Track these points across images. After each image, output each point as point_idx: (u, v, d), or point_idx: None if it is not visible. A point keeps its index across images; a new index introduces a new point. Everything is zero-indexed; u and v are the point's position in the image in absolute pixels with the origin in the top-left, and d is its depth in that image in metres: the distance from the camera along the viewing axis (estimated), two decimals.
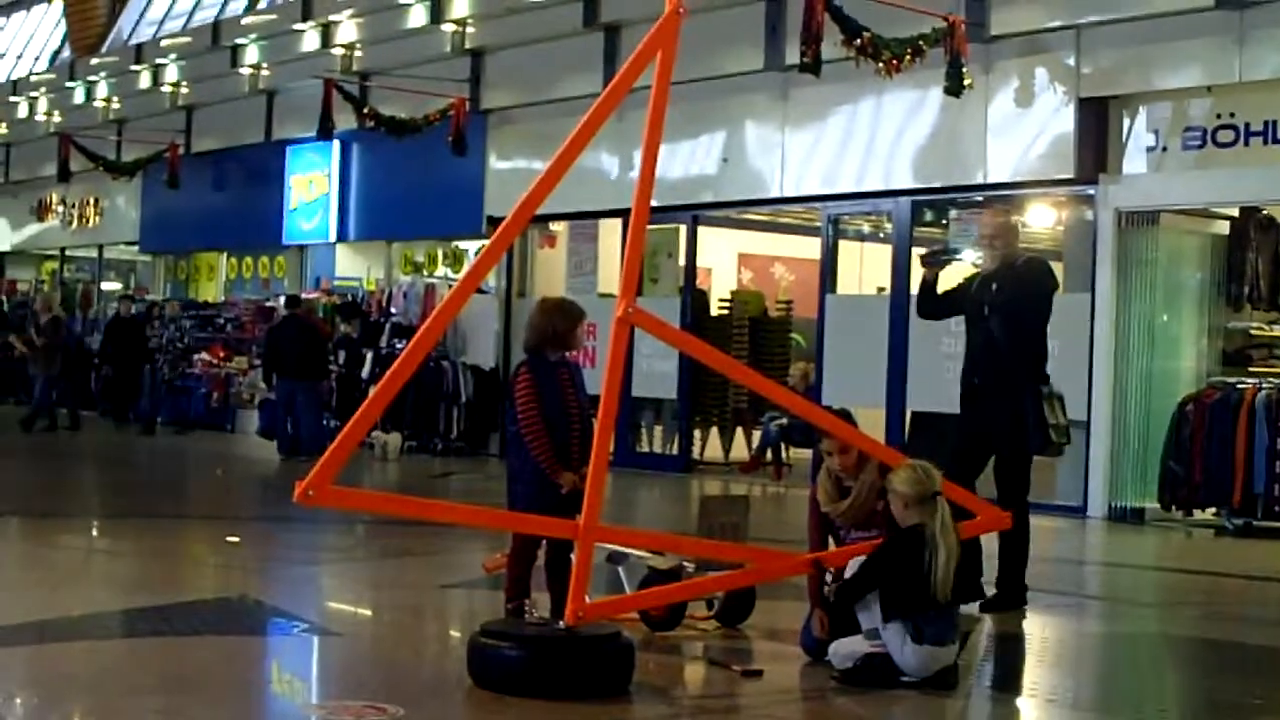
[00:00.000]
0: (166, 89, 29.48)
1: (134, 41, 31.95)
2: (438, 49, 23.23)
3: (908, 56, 16.01)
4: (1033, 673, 9.03)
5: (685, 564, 8.99)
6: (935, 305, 10.93)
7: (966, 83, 16.15)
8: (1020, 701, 8.15)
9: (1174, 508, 15.66)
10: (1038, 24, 16.71)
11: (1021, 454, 10.36)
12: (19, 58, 37.14)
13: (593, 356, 18.77)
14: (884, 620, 7.73)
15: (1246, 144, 15.52)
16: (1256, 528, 15.17)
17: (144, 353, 26.34)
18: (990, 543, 10.16)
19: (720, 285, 23.49)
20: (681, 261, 20.80)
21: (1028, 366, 10.29)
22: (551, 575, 8.52)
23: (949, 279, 11.03)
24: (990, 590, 10.23)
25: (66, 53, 34.79)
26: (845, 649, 7.87)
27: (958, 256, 11.68)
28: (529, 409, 8.48)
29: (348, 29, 24.89)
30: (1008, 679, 8.71)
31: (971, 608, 9.85)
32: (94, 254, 34.51)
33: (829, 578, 8.36)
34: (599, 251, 21.54)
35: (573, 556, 7.75)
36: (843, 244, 20.18)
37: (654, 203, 8.39)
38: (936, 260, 10.84)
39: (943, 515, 7.87)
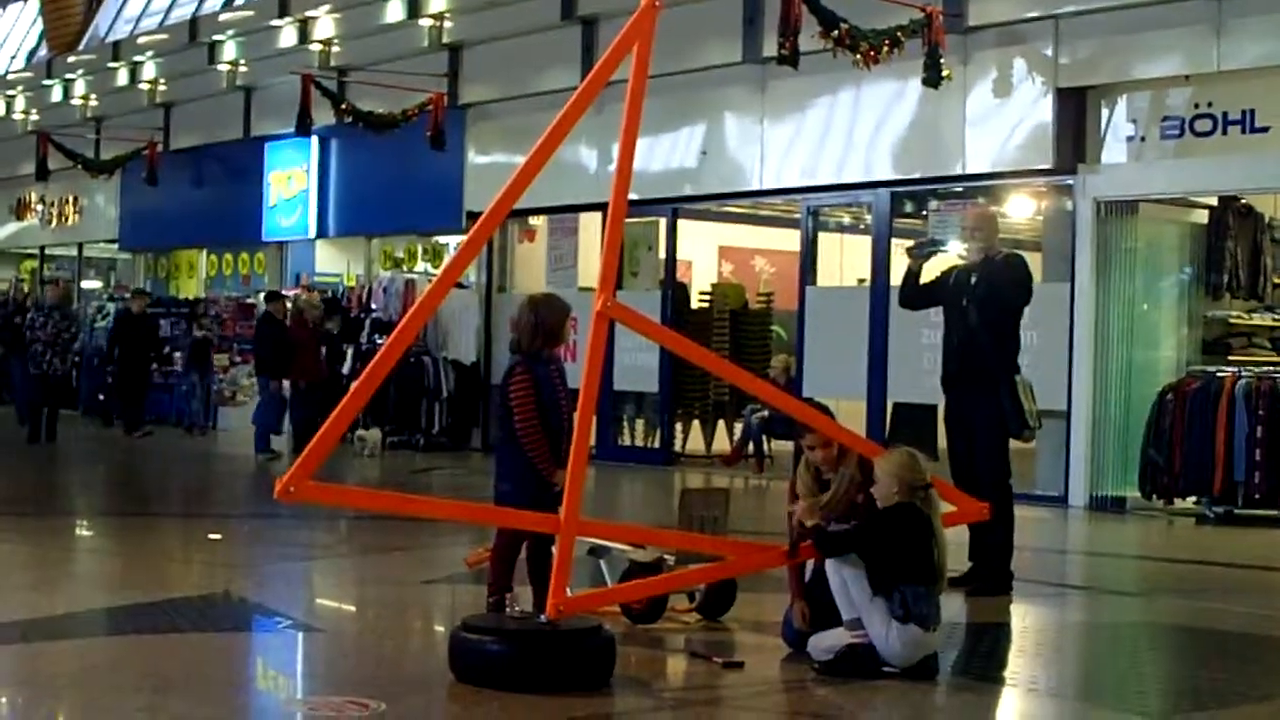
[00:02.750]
0: (144, 86, 29.42)
1: (111, 39, 31.87)
2: (415, 43, 23.22)
3: (885, 48, 16.01)
4: (1014, 661, 9.05)
5: (666, 557, 9.00)
6: (917, 295, 11.19)
7: (944, 74, 16.15)
8: (1002, 690, 8.16)
9: (1155, 497, 15.70)
10: (1015, 14, 16.74)
11: (1001, 440, 10.63)
12: None
13: (573, 350, 18.77)
14: (872, 593, 7.73)
15: (1225, 133, 15.57)
16: (1237, 516, 15.22)
17: (158, 351, 25.99)
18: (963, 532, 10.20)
19: (700, 278, 23.50)
20: (661, 255, 20.80)
21: (1003, 356, 10.52)
22: (533, 569, 8.52)
23: (931, 270, 11.19)
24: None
25: (44, 51, 34.69)
26: (825, 642, 7.89)
27: (943, 248, 11.77)
28: (527, 410, 8.45)
29: (325, 24, 24.87)
30: (989, 668, 8.72)
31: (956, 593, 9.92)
32: (74, 252, 34.45)
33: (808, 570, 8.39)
34: (579, 245, 21.53)
35: (554, 550, 7.76)
36: (822, 236, 20.21)
37: (634, 196, 8.41)
38: (922, 251, 11.06)
39: (937, 506, 7.95)
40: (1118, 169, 16.35)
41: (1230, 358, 16.33)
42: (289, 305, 21.74)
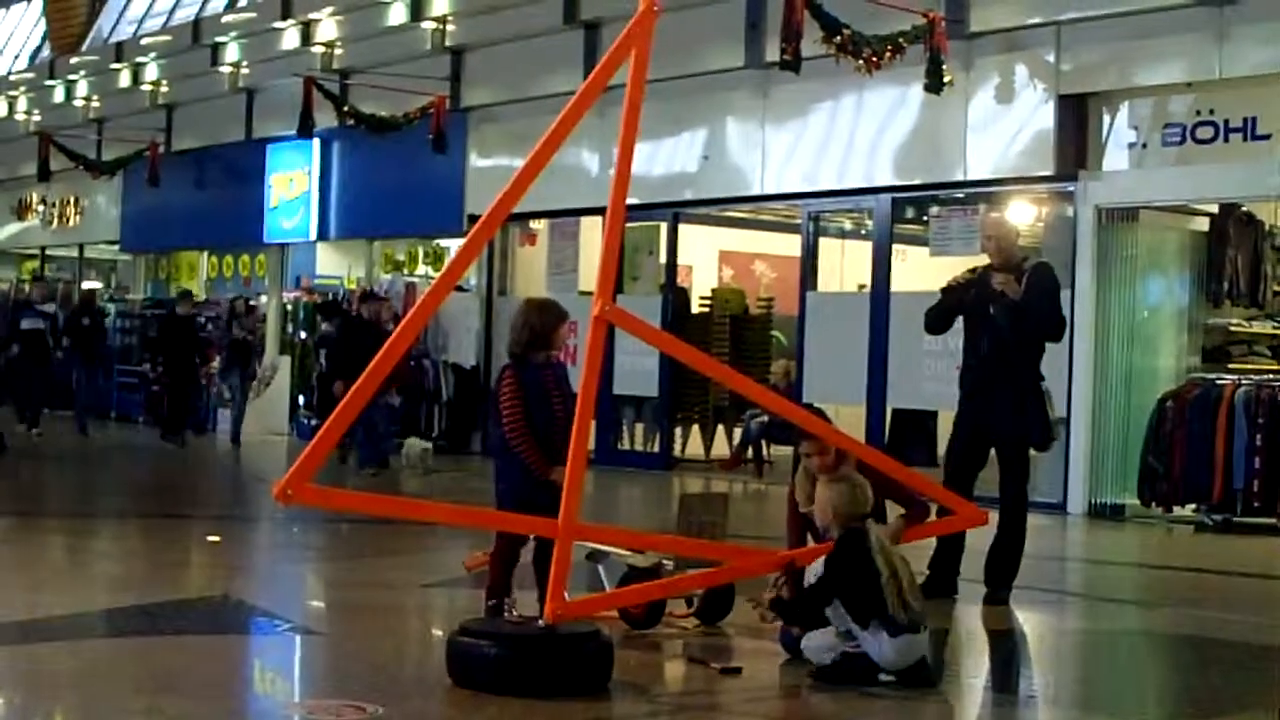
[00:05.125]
0: (146, 87, 29.46)
1: (114, 40, 31.92)
2: (418, 47, 23.24)
3: (888, 53, 16.03)
4: (1012, 669, 9.05)
5: (665, 562, 8.99)
6: (941, 320, 10.97)
7: (946, 80, 16.17)
8: (1000, 698, 8.15)
9: (1154, 504, 15.68)
10: (1018, 20, 16.75)
11: (1024, 449, 10.60)
12: None
13: (574, 354, 18.78)
14: (861, 628, 7.71)
15: (1226, 140, 15.55)
16: (1236, 524, 15.21)
17: (203, 354, 25.12)
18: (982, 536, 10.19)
19: (701, 283, 23.46)
20: (662, 259, 20.80)
21: (1031, 365, 10.46)
22: (540, 572, 8.51)
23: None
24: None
25: (46, 51, 34.72)
26: (818, 640, 7.87)
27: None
28: (513, 412, 8.49)
29: (328, 27, 24.89)
30: (987, 676, 8.72)
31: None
32: (75, 253, 34.46)
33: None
34: (580, 249, 21.52)
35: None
36: (823, 241, 20.20)
37: (635, 200, 8.42)
38: (963, 290, 10.79)
39: (875, 535, 7.89)
40: (1119, 176, 16.35)
41: (1230, 365, 16.34)
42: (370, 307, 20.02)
